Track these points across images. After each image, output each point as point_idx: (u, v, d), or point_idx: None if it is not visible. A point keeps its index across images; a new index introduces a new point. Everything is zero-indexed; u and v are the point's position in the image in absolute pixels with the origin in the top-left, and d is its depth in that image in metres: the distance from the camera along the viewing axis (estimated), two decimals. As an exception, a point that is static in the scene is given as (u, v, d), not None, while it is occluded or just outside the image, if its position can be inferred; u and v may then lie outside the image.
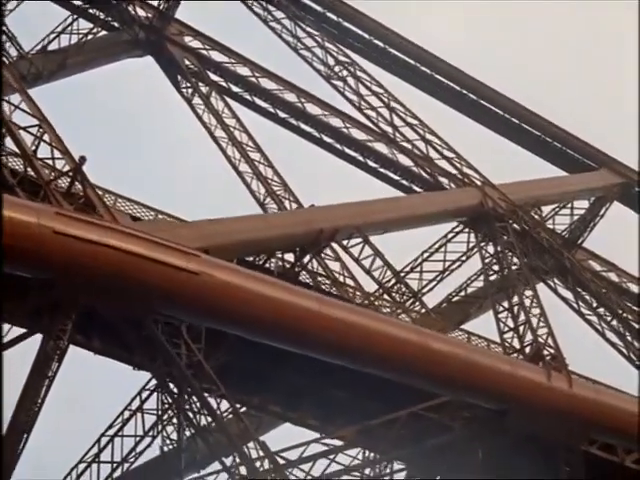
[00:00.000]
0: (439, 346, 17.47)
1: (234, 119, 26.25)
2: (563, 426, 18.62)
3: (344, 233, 19.89)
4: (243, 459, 18.68)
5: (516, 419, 18.27)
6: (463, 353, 17.68)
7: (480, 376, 17.84)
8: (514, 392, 18.06)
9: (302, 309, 16.49)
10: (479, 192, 23.89)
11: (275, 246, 18.69)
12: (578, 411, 18.56)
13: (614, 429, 19.03)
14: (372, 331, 16.98)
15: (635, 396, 19.62)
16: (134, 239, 15.49)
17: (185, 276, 15.58)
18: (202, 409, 18.88)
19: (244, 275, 16.29)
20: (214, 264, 15.99)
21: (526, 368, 18.41)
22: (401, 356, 17.18)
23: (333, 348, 16.95)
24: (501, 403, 18.21)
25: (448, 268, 25.23)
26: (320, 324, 16.54)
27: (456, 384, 17.79)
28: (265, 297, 16.24)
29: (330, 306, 16.80)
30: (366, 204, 20.67)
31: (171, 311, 15.95)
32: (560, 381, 18.53)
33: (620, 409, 18.98)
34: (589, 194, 29.05)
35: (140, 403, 20.66)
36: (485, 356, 18.12)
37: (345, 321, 16.79)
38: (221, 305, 15.99)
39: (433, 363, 17.42)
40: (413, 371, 17.52)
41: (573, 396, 18.49)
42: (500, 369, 18.01)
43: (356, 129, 28.40)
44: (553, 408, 18.33)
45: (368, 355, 17.09)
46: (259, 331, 16.55)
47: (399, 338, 17.17)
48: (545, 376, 18.38)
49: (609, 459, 22.15)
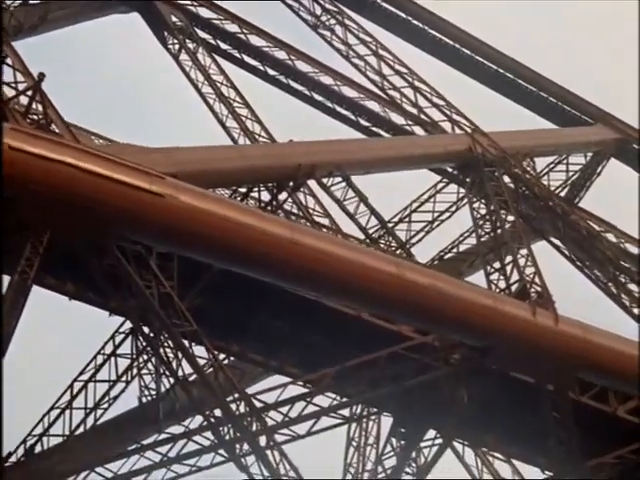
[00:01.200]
0: (417, 278, 16.74)
1: (222, 75, 25.63)
2: (549, 365, 17.87)
3: (323, 170, 19.20)
4: (226, 412, 18.11)
5: (499, 357, 17.54)
6: (443, 286, 16.94)
7: (461, 310, 17.09)
8: (497, 328, 17.31)
9: (273, 236, 15.79)
10: (468, 138, 23.20)
11: (249, 178, 17.99)
12: (565, 349, 17.79)
13: (603, 369, 18.27)
14: (346, 260, 16.26)
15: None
16: (94, 158, 14.84)
17: (148, 198, 14.91)
18: (177, 351, 18.28)
19: (212, 199, 15.61)
20: (180, 187, 15.31)
21: (510, 303, 17.66)
22: (377, 287, 16.46)
23: (305, 278, 16.26)
24: (483, 339, 17.47)
25: (437, 219, 24.57)
26: (291, 252, 15.84)
27: (436, 318, 17.06)
28: (234, 222, 15.55)
29: (303, 234, 16.10)
30: (348, 142, 20.05)
31: (134, 235, 15.29)
32: (546, 318, 17.77)
33: (609, 348, 18.22)
34: (585, 148, 28.32)
35: (114, 347, 20.04)
36: (467, 290, 17.36)
37: (318, 250, 16.08)
38: (187, 229, 15.31)
39: (411, 295, 16.69)
40: (390, 304, 16.81)
41: (559, 333, 17.73)
42: (482, 303, 17.26)
43: (347, 87, 27.73)
44: (538, 345, 17.58)
45: (342, 285, 16.37)
46: (228, 258, 15.87)
47: (375, 268, 16.44)
48: (530, 312, 17.63)
49: (601, 409, 21.53)
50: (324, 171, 19.25)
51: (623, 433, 21.22)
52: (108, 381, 19.78)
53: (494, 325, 17.29)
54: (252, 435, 17.99)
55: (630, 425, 21.47)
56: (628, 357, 18.28)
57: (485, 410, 21.51)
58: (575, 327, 18.04)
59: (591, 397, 21.42)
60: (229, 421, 17.95)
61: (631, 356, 18.30)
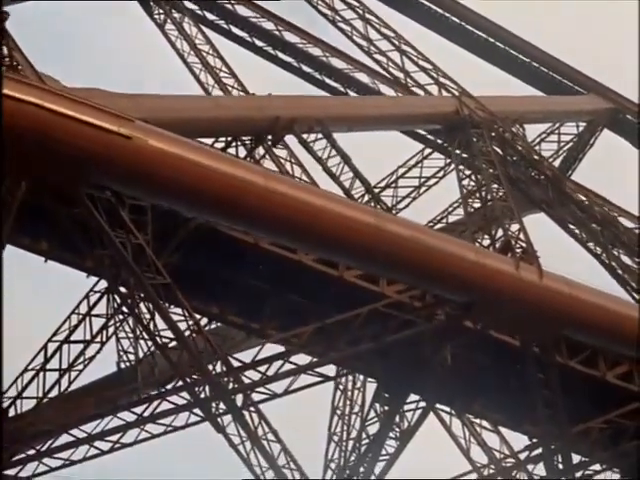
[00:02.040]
0: (397, 229, 16.27)
1: (208, 45, 25.17)
2: (534, 321, 17.39)
3: (303, 124, 18.70)
4: (202, 371, 17.65)
5: (482, 312, 17.06)
6: (424, 238, 16.47)
7: (442, 263, 16.61)
8: (479, 282, 16.82)
9: (246, 183, 15.31)
10: (455, 100, 22.72)
11: (223, 130, 17.49)
12: (549, 305, 17.31)
13: (589, 326, 17.78)
14: (323, 210, 15.78)
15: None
16: (60, 99, 14.36)
17: (116, 140, 14.43)
18: (151, 309, 17.83)
19: (182, 144, 15.11)
20: (148, 130, 14.84)
21: (493, 257, 17.17)
22: (356, 238, 15.97)
23: (280, 227, 15.78)
24: (465, 294, 16.98)
25: (424, 184, 24.09)
26: (266, 199, 15.36)
27: (416, 271, 16.58)
28: (205, 168, 15.07)
29: (277, 182, 15.63)
30: (330, 98, 19.53)
31: (102, 179, 14.81)
32: (530, 273, 17.28)
33: (595, 305, 17.74)
34: (577, 117, 27.81)
35: (88, 308, 19.55)
36: (448, 243, 16.85)
37: (293, 198, 15.60)
38: (156, 174, 14.83)
39: (391, 247, 16.20)
40: (369, 255, 16.32)
41: (544, 288, 17.24)
42: (464, 257, 16.76)
43: (336, 58, 27.27)
44: (522, 300, 17.10)
45: (319, 236, 15.89)
46: (199, 205, 15.40)
47: (353, 218, 15.96)
48: (513, 266, 17.14)
49: (590, 374, 21.07)
50: (304, 126, 18.76)
51: (611, 398, 20.79)
52: (83, 341, 19.27)
53: (476, 279, 16.80)
54: (228, 393, 17.54)
55: (619, 390, 21.03)
56: (614, 314, 17.82)
57: (470, 375, 21.08)
58: (560, 283, 17.56)
59: (580, 362, 21.03)
60: (205, 380, 17.51)
61: (617, 313, 17.83)
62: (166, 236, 18.62)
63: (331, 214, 15.79)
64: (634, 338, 17.87)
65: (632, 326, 17.95)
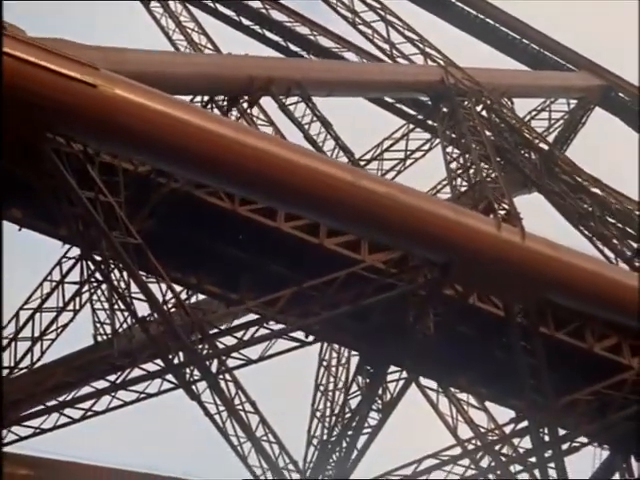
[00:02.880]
0: (374, 186, 15.78)
1: (193, 22, 24.83)
2: (516, 283, 16.87)
3: (280, 86, 18.22)
4: (175, 336, 17.18)
5: (462, 273, 16.53)
6: (401, 195, 15.97)
7: (420, 222, 16.11)
8: (458, 241, 16.29)
9: (215, 135, 14.83)
10: (441, 70, 22.29)
11: (196, 87, 16.99)
12: (532, 267, 16.79)
13: (573, 289, 17.25)
14: (296, 164, 15.30)
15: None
16: (23, 45, 13.92)
17: (80, 88, 13.97)
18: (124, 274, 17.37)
19: (150, 94, 14.64)
20: (115, 79, 14.37)
21: (473, 217, 16.66)
22: (331, 194, 15.49)
23: (252, 182, 15.30)
24: (444, 254, 16.46)
25: (409, 157, 23.62)
26: (236, 153, 14.87)
27: (393, 229, 16.07)
28: (173, 119, 14.60)
29: (248, 134, 15.15)
30: (310, 61, 19.03)
31: (66, 128, 14.33)
32: (512, 234, 16.78)
33: (579, 268, 17.23)
34: (567, 94, 27.40)
35: (61, 276, 19.10)
36: (427, 201, 16.37)
37: (265, 151, 15.12)
38: (122, 124, 14.35)
39: (367, 204, 15.71)
40: (345, 212, 15.83)
41: (526, 250, 16.73)
42: (443, 215, 16.26)
43: (323, 37, 26.84)
44: (503, 261, 16.58)
45: (293, 191, 15.41)
46: (166, 157, 14.91)
47: (328, 174, 15.48)
48: (494, 227, 16.64)
49: (577, 345, 20.58)
50: (282, 88, 18.29)
51: (599, 370, 20.23)
52: (55, 309, 18.81)
53: (455, 238, 16.30)
54: (201, 358, 17.07)
55: (606, 362, 20.52)
56: (599, 277, 17.30)
57: (454, 347, 20.61)
58: (543, 244, 17.06)
59: (567, 334, 20.54)
60: (178, 345, 17.03)
61: (601, 276, 17.32)
62: (139, 201, 18.21)
63: (305, 169, 15.32)
64: (620, 302, 17.36)
65: (618, 290, 17.46)
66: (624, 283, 17.46)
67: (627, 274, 18.15)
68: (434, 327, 19.08)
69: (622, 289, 17.39)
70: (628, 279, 17.66)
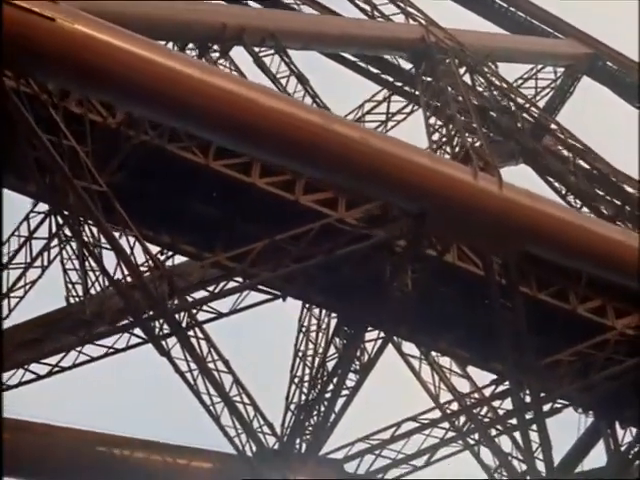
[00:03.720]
0: (346, 130, 15.31)
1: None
2: (494, 234, 16.40)
3: (254, 36, 17.74)
4: (143, 289, 16.73)
5: (436, 223, 16.04)
6: (375, 141, 15.50)
7: (394, 168, 15.63)
8: (434, 189, 15.83)
9: (182, 75, 14.35)
10: (422, 29, 21.77)
11: (162, 32, 16.46)
12: (510, 217, 16.31)
13: (552, 241, 16.74)
14: (265, 106, 14.81)
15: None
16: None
17: (38, 22, 13.49)
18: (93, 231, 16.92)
19: (113, 30, 14.15)
20: (75, 13, 13.90)
21: (448, 164, 16.20)
22: (300, 138, 15.01)
23: (220, 122, 14.80)
24: (419, 202, 15.99)
25: (390, 119, 23.12)
26: (202, 94, 14.40)
27: (367, 175, 15.59)
28: (136, 57, 14.12)
29: (215, 75, 14.67)
30: (285, 12, 18.53)
31: (24, 64, 13.85)
32: (489, 182, 16.31)
33: (559, 219, 16.73)
34: (554, 61, 26.86)
35: (29, 231, 18.62)
36: (401, 147, 15.86)
37: (233, 93, 14.64)
38: (83, 60, 13.85)
39: (339, 148, 15.24)
40: (315, 158, 15.35)
41: (504, 199, 16.25)
42: (418, 162, 15.78)
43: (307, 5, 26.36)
44: (480, 210, 16.11)
45: (261, 134, 14.92)
46: (129, 96, 14.41)
47: (298, 117, 14.99)
48: (471, 175, 16.16)
49: (560, 307, 20.14)
50: (255, 38, 17.81)
51: (582, 333, 19.80)
52: (22, 265, 18.33)
53: (430, 186, 15.83)
54: (170, 311, 16.62)
55: (590, 324, 20.08)
56: (579, 228, 16.81)
57: (434, 309, 20.18)
58: (522, 195, 16.59)
59: (549, 295, 20.11)
60: (147, 299, 16.58)
61: (581, 227, 16.83)
62: (109, 154, 17.78)
63: (273, 111, 14.83)
64: (602, 255, 16.89)
65: (601, 242, 16.99)
66: (607, 236, 16.96)
67: (609, 227, 17.63)
68: (412, 285, 18.64)
69: (604, 241, 16.89)
70: (610, 232, 17.17)
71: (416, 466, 19.50)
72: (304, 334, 22.30)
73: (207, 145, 18.43)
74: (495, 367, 20.53)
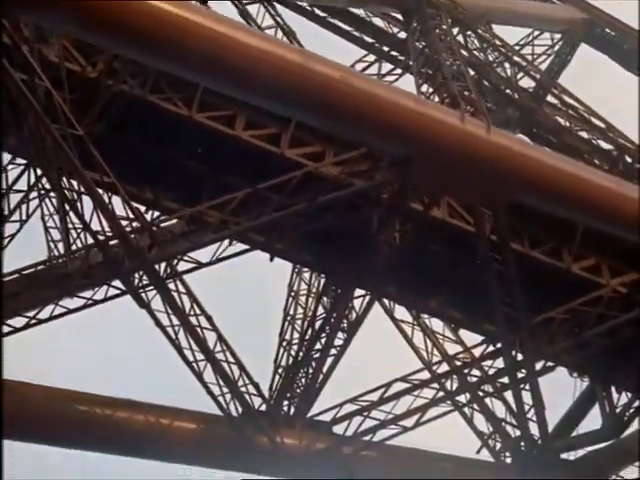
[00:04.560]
0: (326, 70, 14.82)
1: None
2: (480, 181, 15.91)
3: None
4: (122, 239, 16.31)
5: (422, 168, 15.56)
6: (356, 81, 15.02)
7: (378, 110, 15.14)
8: (418, 132, 15.31)
9: (155, 8, 13.90)
10: (411, -20, 21.27)
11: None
12: (498, 163, 15.81)
13: (543, 190, 16.22)
14: (241, 43, 14.33)
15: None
16: None
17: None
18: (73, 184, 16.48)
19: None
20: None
21: (434, 107, 15.71)
22: (279, 77, 14.52)
23: (194, 61, 14.35)
24: (404, 147, 15.52)
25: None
26: (181, 30, 13.95)
27: (349, 118, 15.10)
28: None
29: (189, 9, 14.20)
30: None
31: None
32: (477, 127, 15.82)
33: (550, 166, 16.21)
34: (550, 25, 26.36)
35: (7, 185, 18.13)
36: (385, 89, 15.40)
37: (213, 30, 14.20)
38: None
39: (319, 89, 14.75)
40: (295, 98, 14.87)
41: (492, 144, 15.74)
42: (402, 104, 15.27)
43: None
44: (466, 155, 15.61)
45: (238, 73, 14.44)
46: (107, 36, 14.00)
47: (275, 54, 14.52)
48: (458, 119, 15.67)
49: (554, 264, 19.67)
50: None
51: (576, 293, 19.31)
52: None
53: (415, 130, 15.33)
54: (149, 261, 16.17)
55: (584, 284, 19.61)
56: (573, 177, 16.30)
57: (424, 268, 19.76)
58: (512, 140, 16.14)
59: (542, 253, 19.65)
60: (125, 248, 16.15)
61: (575, 176, 16.34)
62: (88, 105, 17.38)
63: (250, 49, 14.37)
64: (596, 205, 16.39)
65: (594, 192, 16.49)
66: (603, 185, 16.44)
67: (606, 177, 17.09)
68: (400, 239, 18.21)
69: (600, 191, 16.39)
70: (607, 182, 16.65)
71: (406, 427, 19.01)
72: (293, 298, 21.89)
73: (191, 97, 18.08)
74: (487, 329, 20.06)
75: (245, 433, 18.77)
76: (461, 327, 20.66)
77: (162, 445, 18.51)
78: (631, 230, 16.48)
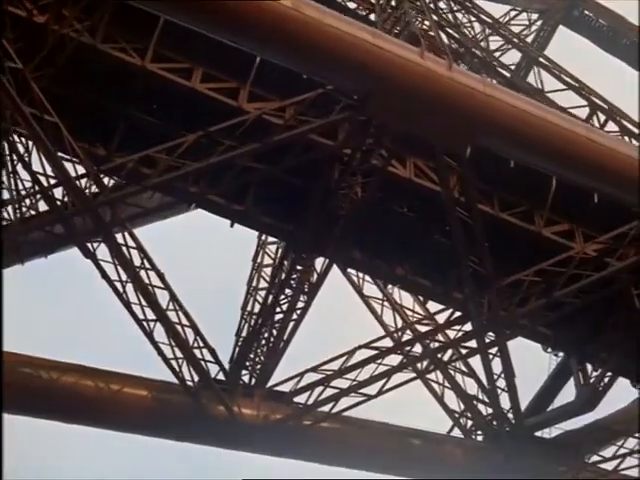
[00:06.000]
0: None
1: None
2: (441, 120, 15.08)
3: None
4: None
5: (381, 104, 14.75)
6: (311, 11, 14.21)
7: (334, 45, 14.35)
8: (377, 67, 14.52)
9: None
10: None
11: None
12: (460, 101, 15.00)
13: (506, 132, 15.38)
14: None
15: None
16: None
17: None
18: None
19: None
20: None
21: (392, 42, 14.88)
22: (231, 7, 13.80)
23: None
24: (361, 82, 14.72)
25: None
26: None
27: (302, 50, 14.32)
28: None
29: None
30: None
31: None
32: (437, 64, 15.03)
33: (517, 108, 15.37)
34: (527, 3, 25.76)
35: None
36: (340, 21, 14.52)
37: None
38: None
39: (271, 18, 14.00)
40: (246, 29, 14.15)
41: (453, 81, 14.92)
42: (359, 36, 14.46)
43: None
44: (426, 92, 14.80)
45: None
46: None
47: None
48: (418, 54, 14.89)
49: (525, 227, 18.86)
50: None
51: (547, 256, 18.46)
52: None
53: (374, 64, 14.53)
54: (93, 204, 15.32)
55: (555, 247, 18.77)
56: (538, 120, 15.46)
57: (391, 233, 18.95)
58: (474, 80, 15.31)
59: (513, 216, 18.85)
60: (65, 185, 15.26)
61: (539, 117, 15.50)
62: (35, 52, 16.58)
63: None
64: (561, 151, 15.57)
65: (562, 138, 15.68)
66: (568, 128, 15.62)
67: (574, 122, 16.27)
68: (362, 193, 17.40)
69: (565, 135, 15.57)
70: (573, 126, 15.84)
71: (370, 395, 18.08)
72: (256, 270, 21.07)
73: (145, 48, 17.36)
74: (456, 298, 19.15)
75: (201, 402, 17.87)
76: (428, 297, 19.77)
77: (111, 412, 17.58)
78: (595, 175, 15.70)
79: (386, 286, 20.19)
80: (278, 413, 18.26)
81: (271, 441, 18.25)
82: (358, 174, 17.17)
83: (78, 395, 17.33)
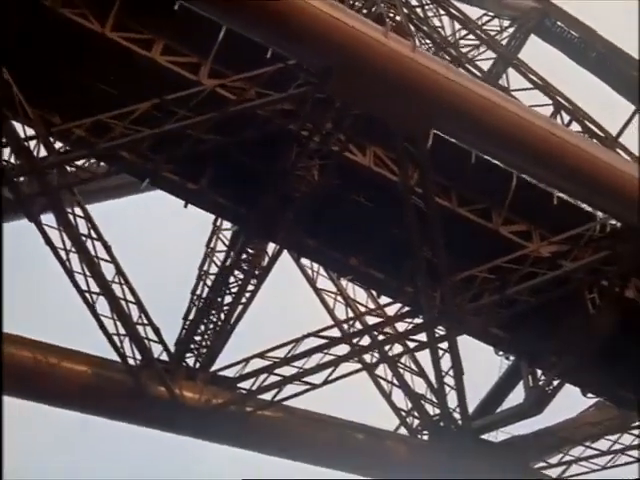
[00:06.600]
0: None
1: None
2: (400, 100, 14.78)
3: None
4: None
5: (341, 81, 14.45)
6: None
7: (295, 16, 13.99)
8: (339, 42, 14.19)
9: None
10: None
11: None
12: (421, 83, 14.71)
13: (466, 118, 15.05)
14: None
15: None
16: None
17: None
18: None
19: None
20: None
21: (355, 18, 14.55)
22: None
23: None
24: (323, 57, 14.41)
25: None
26: None
27: (263, 23, 13.96)
28: None
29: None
30: None
31: None
32: (401, 45, 14.75)
33: (480, 96, 15.09)
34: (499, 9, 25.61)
35: None
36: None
37: None
38: None
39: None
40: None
41: (415, 62, 14.66)
42: (321, 9, 14.20)
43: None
44: (388, 72, 14.47)
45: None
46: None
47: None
48: (382, 34, 14.62)
49: (482, 224, 18.65)
50: None
51: (503, 254, 18.23)
52: None
53: (335, 39, 14.22)
54: (38, 165, 14.92)
55: (512, 246, 18.55)
56: (497, 107, 15.20)
57: (344, 222, 18.65)
58: (437, 63, 15.03)
59: (471, 212, 18.63)
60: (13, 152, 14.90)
61: (499, 105, 15.22)
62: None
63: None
64: (519, 139, 15.30)
65: (523, 130, 15.42)
66: (527, 119, 15.36)
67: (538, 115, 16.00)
68: (319, 174, 17.10)
69: (524, 124, 15.31)
70: (533, 117, 15.58)
71: (315, 384, 17.72)
72: (209, 255, 20.67)
73: (105, 15, 16.99)
74: (408, 292, 18.86)
75: (141, 381, 17.46)
76: (380, 291, 19.44)
77: (48, 386, 17.13)
78: (555, 170, 15.47)
79: (339, 278, 19.91)
80: (220, 398, 17.89)
81: (211, 426, 17.87)
82: (315, 157, 16.88)
83: (14, 366, 16.86)
